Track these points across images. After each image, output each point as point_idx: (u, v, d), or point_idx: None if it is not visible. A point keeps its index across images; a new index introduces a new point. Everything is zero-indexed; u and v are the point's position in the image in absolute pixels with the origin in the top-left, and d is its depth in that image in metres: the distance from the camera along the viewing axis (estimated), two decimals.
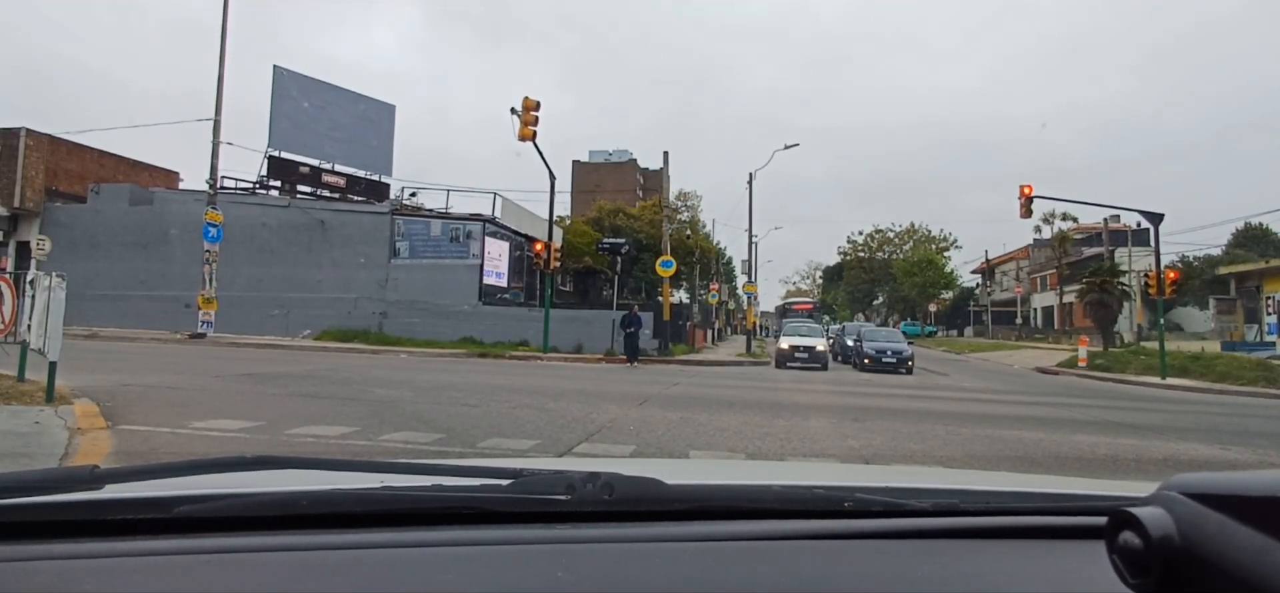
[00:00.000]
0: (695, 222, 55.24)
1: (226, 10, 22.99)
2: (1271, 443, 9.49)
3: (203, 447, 6.30)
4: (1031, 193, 24.50)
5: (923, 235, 76.49)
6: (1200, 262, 48.89)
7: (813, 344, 24.33)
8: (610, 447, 7.03)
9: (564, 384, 13.32)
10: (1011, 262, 68.48)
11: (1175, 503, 0.63)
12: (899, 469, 5.02)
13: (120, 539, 0.89)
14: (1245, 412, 13.83)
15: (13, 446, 5.61)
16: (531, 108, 21.02)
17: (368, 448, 6.57)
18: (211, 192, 24.27)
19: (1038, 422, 10.26)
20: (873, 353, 25.37)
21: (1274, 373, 20.28)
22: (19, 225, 28.62)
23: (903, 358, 24.79)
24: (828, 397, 13.35)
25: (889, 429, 8.90)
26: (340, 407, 8.86)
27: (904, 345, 25.78)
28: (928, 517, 1.09)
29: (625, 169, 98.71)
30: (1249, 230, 54.17)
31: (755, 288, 42.60)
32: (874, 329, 31.41)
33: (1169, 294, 23.56)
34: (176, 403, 8.65)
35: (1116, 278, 34.53)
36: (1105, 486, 1.44)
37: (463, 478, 1.17)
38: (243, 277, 26.04)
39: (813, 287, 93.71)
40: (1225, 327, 37.70)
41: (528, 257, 30.89)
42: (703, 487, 1.32)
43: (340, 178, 32.54)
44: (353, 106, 33.19)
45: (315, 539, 0.92)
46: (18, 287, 9.68)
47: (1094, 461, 7.27)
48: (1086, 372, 24.61)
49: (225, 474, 1.13)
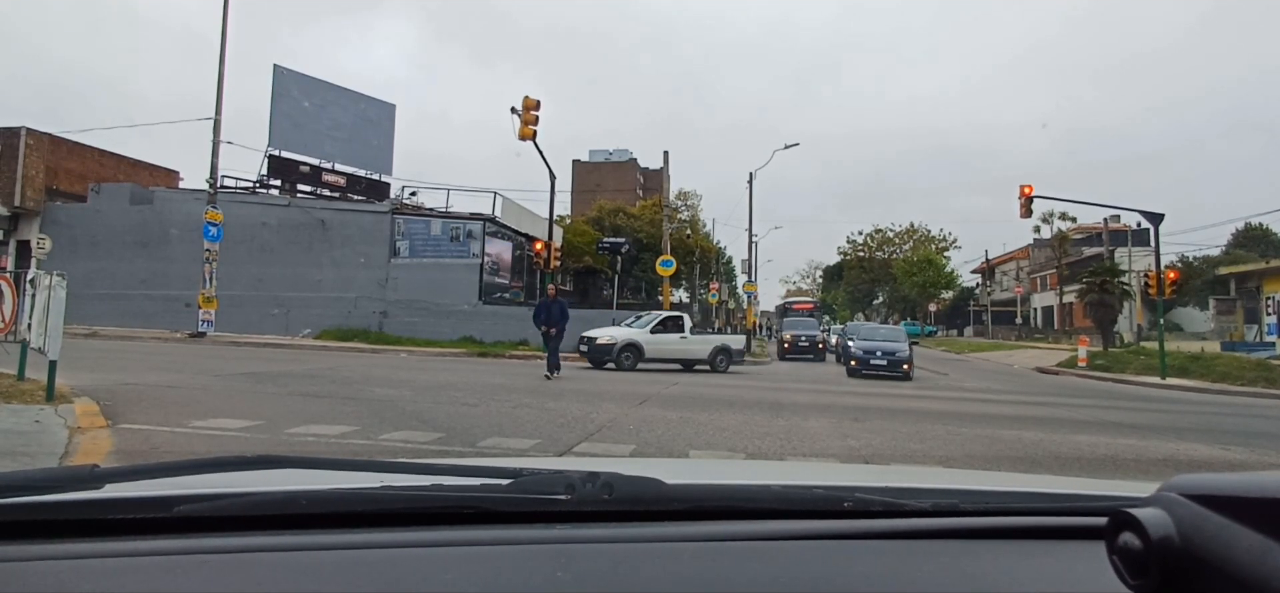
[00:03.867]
0: (695, 221, 55.28)
1: (227, 9, 23.00)
2: (1271, 444, 9.49)
3: (203, 446, 6.31)
4: (1031, 193, 24.46)
5: (923, 235, 76.49)
6: (1200, 262, 48.90)
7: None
8: (610, 446, 7.03)
9: (564, 384, 13.33)
10: (1011, 262, 68.48)
11: (1175, 504, 0.63)
12: (899, 469, 5.02)
13: (120, 539, 0.89)
14: (1245, 412, 13.83)
15: (13, 444, 5.61)
16: (531, 107, 21.02)
17: (368, 447, 6.57)
18: (212, 191, 24.27)
19: (1038, 422, 10.26)
20: (860, 354, 20.96)
21: (1274, 373, 20.27)
22: (19, 224, 28.62)
23: (897, 360, 20.45)
24: (828, 396, 13.35)
25: (889, 429, 8.90)
26: (340, 406, 8.86)
27: (901, 345, 21.28)
28: (928, 517, 1.09)
29: (625, 169, 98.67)
30: (1249, 231, 54.19)
31: (755, 287, 42.64)
32: (867, 326, 28.26)
33: (1169, 294, 23.55)
34: (176, 402, 8.65)
35: (1116, 278, 34.50)
36: (1105, 486, 1.44)
37: (463, 478, 1.17)
38: (243, 276, 26.04)
39: (813, 286, 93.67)
40: (1225, 327, 37.71)
41: (528, 256, 30.89)
42: (703, 487, 1.32)
43: (340, 177, 32.54)
44: (353, 106, 33.19)
45: (316, 539, 0.92)
46: (18, 286, 9.68)
47: (1094, 461, 7.27)
48: (1086, 372, 24.58)
49: (225, 474, 1.13)
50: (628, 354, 19.05)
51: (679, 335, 20.16)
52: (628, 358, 18.98)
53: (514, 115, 21.02)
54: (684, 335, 20.26)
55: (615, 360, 18.90)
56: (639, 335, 19.64)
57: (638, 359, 19.08)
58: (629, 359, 18.97)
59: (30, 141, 28.53)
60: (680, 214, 51.24)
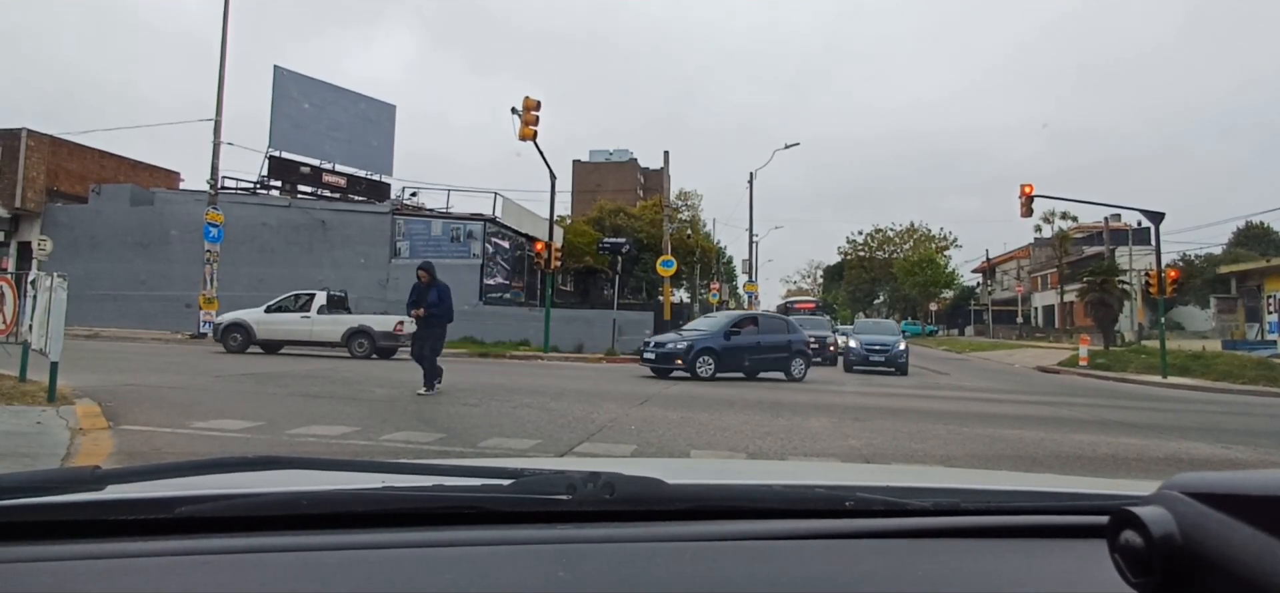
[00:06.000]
0: (696, 221, 55.28)
1: (227, 9, 23.01)
2: (1273, 442, 9.48)
3: (204, 447, 6.31)
4: (1032, 192, 24.43)
5: (923, 235, 76.51)
6: (1201, 260, 48.89)
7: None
8: (611, 446, 7.03)
9: (564, 384, 13.32)
10: (1012, 261, 68.50)
11: (1177, 502, 0.63)
12: (900, 469, 5.02)
13: (122, 540, 0.89)
14: (1246, 411, 13.82)
15: (15, 446, 5.61)
16: (532, 107, 21.03)
17: (369, 448, 6.57)
18: (212, 192, 24.29)
19: (1039, 421, 10.25)
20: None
21: (1275, 372, 20.26)
22: (20, 226, 28.66)
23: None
24: (828, 396, 13.35)
25: (889, 429, 8.90)
26: (341, 406, 8.87)
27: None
28: (929, 516, 1.09)
29: (626, 169, 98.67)
30: (1250, 229, 54.17)
31: (756, 287, 42.65)
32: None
33: (1170, 293, 23.53)
34: (178, 403, 8.66)
35: (1117, 277, 34.52)
36: (1107, 485, 1.44)
37: (464, 478, 1.17)
38: (243, 276, 26.04)
39: (814, 286, 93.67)
40: (1226, 326, 37.68)
41: (528, 256, 30.91)
42: (703, 486, 1.32)
43: (341, 178, 32.56)
44: (353, 106, 33.21)
45: (317, 539, 0.93)
46: (19, 287, 9.70)
47: (1095, 459, 7.26)
48: (1087, 371, 24.56)
49: (227, 474, 1.13)
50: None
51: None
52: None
53: (514, 115, 21.04)
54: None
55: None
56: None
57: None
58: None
59: (31, 143, 28.56)
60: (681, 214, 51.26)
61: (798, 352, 17.24)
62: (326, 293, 19.52)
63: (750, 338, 16.98)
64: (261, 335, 18.49)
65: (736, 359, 16.48)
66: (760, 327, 17.72)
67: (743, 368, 16.52)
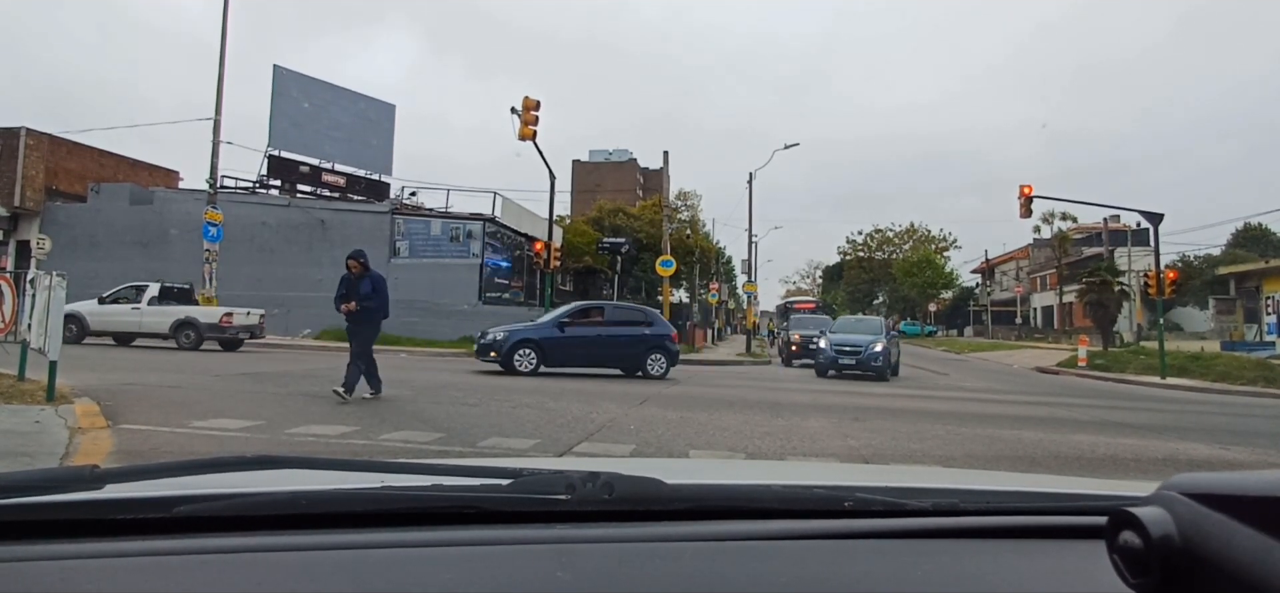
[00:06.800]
0: (695, 221, 55.29)
1: (226, 9, 22.98)
2: (1271, 443, 9.49)
3: (203, 446, 6.30)
4: (1031, 192, 24.47)
5: (922, 235, 76.57)
6: (1200, 261, 48.91)
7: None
8: (610, 446, 7.03)
9: (563, 384, 13.32)
10: (1011, 261, 68.53)
11: (1176, 503, 0.63)
12: (899, 469, 5.02)
13: (121, 539, 0.89)
14: (1245, 411, 13.83)
15: (13, 445, 5.61)
16: (531, 107, 21.04)
17: (368, 447, 6.57)
18: (211, 191, 24.25)
19: (1038, 422, 10.26)
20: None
21: (1274, 373, 20.27)
22: (19, 225, 28.62)
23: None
24: (827, 396, 13.35)
25: (889, 429, 8.91)
26: (340, 406, 8.86)
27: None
28: (928, 517, 1.09)
29: (625, 169, 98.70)
30: (1248, 230, 54.20)
31: (755, 287, 42.65)
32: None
33: (1169, 294, 23.55)
34: (177, 402, 8.65)
35: (1116, 278, 34.54)
36: (1105, 485, 1.44)
37: (463, 478, 1.17)
38: (243, 276, 26.03)
39: (813, 286, 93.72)
40: (1225, 326, 37.72)
41: (528, 256, 30.90)
42: (703, 486, 1.32)
43: (340, 177, 32.54)
44: (352, 106, 33.19)
45: (316, 539, 0.93)
46: (18, 286, 9.69)
47: (1094, 460, 7.27)
48: (1086, 371, 24.57)
49: (226, 474, 1.13)
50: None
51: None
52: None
53: (514, 115, 21.05)
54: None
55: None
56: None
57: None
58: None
59: (30, 142, 28.52)
60: (680, 214, 51.26)
61: (656, 346, 16.06)
62: (160, 285, 19.42)
63: (590, 330, 16.26)
64: (95, 326, 18.30)
65: (569, 353, 15.61)
66: (607, 317, 16.92)
67: (579, 363, 15.56)
